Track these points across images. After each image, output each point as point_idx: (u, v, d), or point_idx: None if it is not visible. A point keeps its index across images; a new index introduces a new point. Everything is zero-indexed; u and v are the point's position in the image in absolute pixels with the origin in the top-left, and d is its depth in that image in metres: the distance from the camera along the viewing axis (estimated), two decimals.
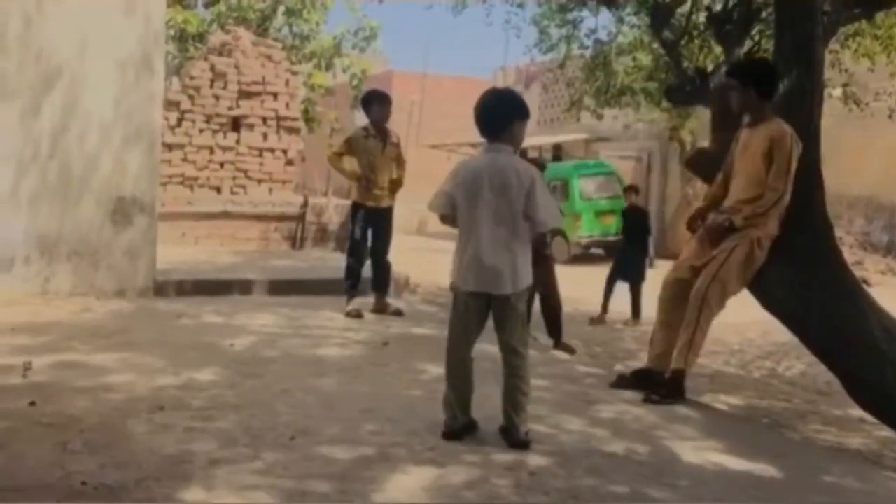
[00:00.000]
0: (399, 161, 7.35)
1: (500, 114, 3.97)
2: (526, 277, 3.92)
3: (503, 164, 3.91)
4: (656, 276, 15.87)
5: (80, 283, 7.39)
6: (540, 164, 8.45)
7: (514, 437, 3.85)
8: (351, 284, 7.26)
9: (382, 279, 7.40)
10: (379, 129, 7.20)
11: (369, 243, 7.24)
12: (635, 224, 9.41)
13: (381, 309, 7.31)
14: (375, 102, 7.21)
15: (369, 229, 7.18)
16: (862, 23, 7.37)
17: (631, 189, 9.84)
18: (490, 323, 4.00)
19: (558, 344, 6.86)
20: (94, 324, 6.27)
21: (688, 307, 4.85)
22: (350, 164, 7.22)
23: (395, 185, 7.30)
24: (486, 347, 4.06)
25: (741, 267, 4.80)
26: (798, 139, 4.71)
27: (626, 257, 9.23)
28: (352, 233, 7.33)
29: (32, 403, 4.10)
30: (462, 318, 3.97)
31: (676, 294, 4.94)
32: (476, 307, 3.93)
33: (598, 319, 8.85)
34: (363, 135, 7.18)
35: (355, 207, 7.26)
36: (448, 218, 4.04)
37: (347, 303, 7.16)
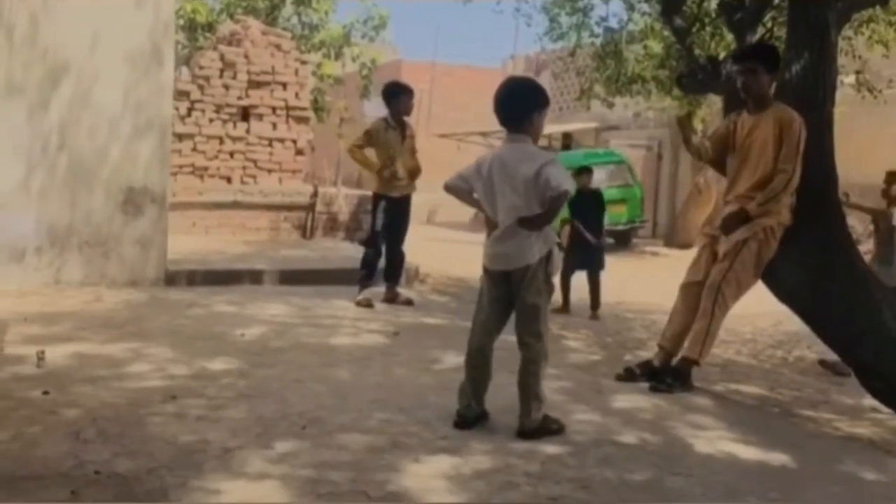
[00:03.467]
0: (412, 148, 7.39)
1: (518, 105, 3.94)
2: (534, 253, 3.87)
3: (516, 153, 3.90)
4: (650, 263, 15.61)
5: (91, 273, 7.42)
6: (589, 169, 8.56)
7: (521, 427, 3.85)
8: (366, 274, 7.30)
9: (395, 269, 7.42)
10: (398, 120, 7.22)
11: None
12: (589, 209, 8.67)
13: (391, 298, 7.32)
14: (400, 95, 7.19)
15: (385, 215, 7.19)
16: (876, 9, 7.31)
17: (583, 172, 8.93)
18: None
19: None
20: (105, 313, 6.29)
21: (703, 297, 4.85)
22: (370, 155, 7.25)
23: (415, 173, 7.30)
24: (504, 337, 4.05)
25: (755, 259, 4.80)
26: (804, 123, 4.69)
27: (582, 245, 8.64)
28: (372, 224, 7.34)
29: (46, 392, 4.13)
30: (483, 306, 4.00)
31: (697, 292, 4.97)
32: (495, 292, 3.95)
33: (562, 310, 8.38)
34: (383, 126, 7.18)
35: (377, 198, 7.26)
36: (453, 189, 4.08)
37: (359, 292, 7.18)
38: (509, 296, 3.93)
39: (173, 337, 5.55)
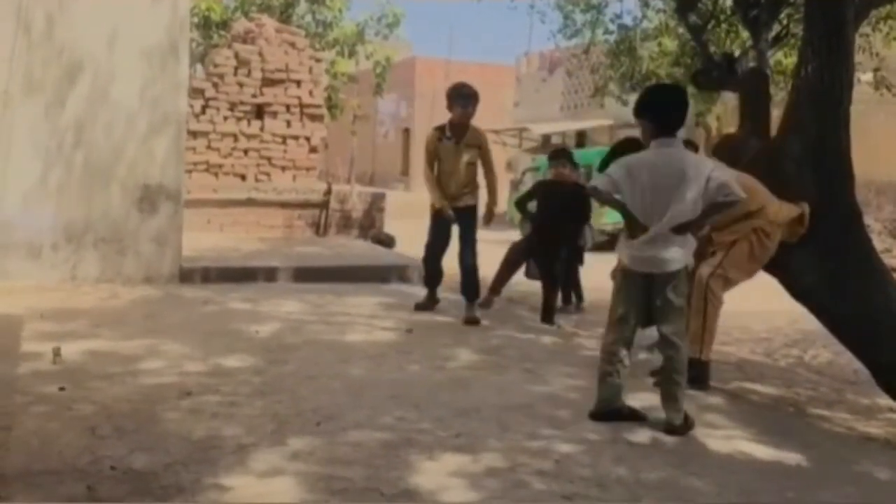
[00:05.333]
0: (484, 161, 6.66)
1: (676, 111, 4.08)
2: (680, 258, 3.99)
3: (679, 158, 4.00)
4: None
5: (107, 269, 7.47)
6: (567, 153, 8.32)
7: (667, 425, 3.95)
8: (423, 282, 7.12)
9: (466, 284, 6.67)
10: (456, 129, 6.57)
11: (444, 244, 6.77)
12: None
13: (465, 319, 6.52)
14: (455, 100, 6.53)
15: (445, 235, 6.69)
16: (894, 5, 7.25)
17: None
18: None
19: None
20: (121, 310, 6.33)
21: (692, 295, 4.80)
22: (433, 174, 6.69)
23: (474, 186, 6.64)
24: (514, 334, 4.05)
25: (747, 257, 4.81)
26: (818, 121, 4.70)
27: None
28: None
29: (62, 389, 4.16)
30: (621, 304, 4.07)
31: None
32: (634, 293, 4.03)
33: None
34: (437, 136, 6.62)
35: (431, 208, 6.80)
36: (602, 193, 4.07)
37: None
38: (646, 298, 4.02)
39: (188, 334, 5.58)
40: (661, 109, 4.10)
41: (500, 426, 3.91)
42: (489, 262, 7.57)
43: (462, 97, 6.51)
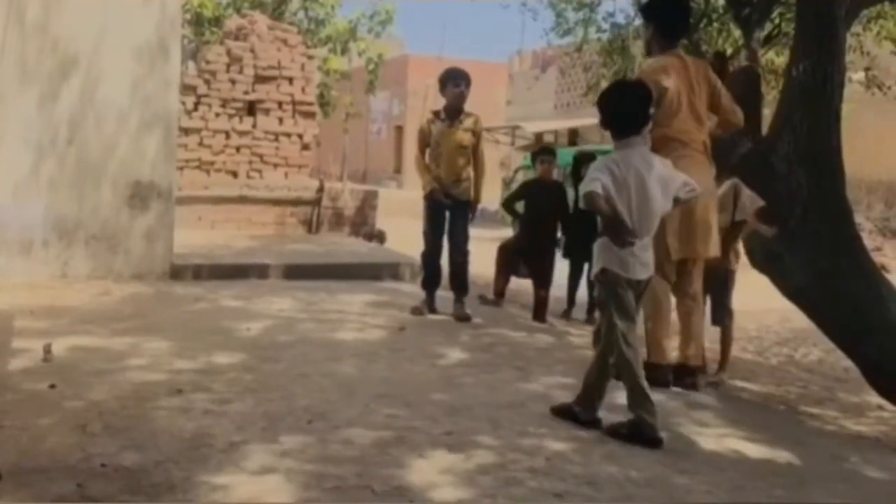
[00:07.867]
0: (474, 149, 6.43)
1: (643, 110, 3.87)
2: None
3: (652, 158, 3.91)
4: None
5: (98, 266, 7.44)
6: (552, 151, 8.33)
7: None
8: (422, 279, 6.80)
9: (454, 279, 6.57)
10: (450, 111, 6.42)
11: (443, 236, 6.53)
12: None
13: (455, 315, 6.48)
14: (447, 82, 6.42)
15: (440, 221, 6.47)
16: (885, 5, 7.28)
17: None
18: None
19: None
20: (112, 307, 6.31)
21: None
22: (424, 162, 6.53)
23: (467, 179, 6.41)
24: (504, 332, 4.05)
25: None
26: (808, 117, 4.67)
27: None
28: None
29: (52, 386, 4.14)
30: (627, 316, 3.83)
31: None
32: (630, 299, 3.85)
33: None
34: (429, 120, 6.48)
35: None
36: (598, 199, 3.72)
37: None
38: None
39: (179, 331, 5.56)
40: (622, 109, 3.86)
41: (491, 424, 3.91)
42: (481, 260, 7.59)
43: (453, 77, 6.41)
